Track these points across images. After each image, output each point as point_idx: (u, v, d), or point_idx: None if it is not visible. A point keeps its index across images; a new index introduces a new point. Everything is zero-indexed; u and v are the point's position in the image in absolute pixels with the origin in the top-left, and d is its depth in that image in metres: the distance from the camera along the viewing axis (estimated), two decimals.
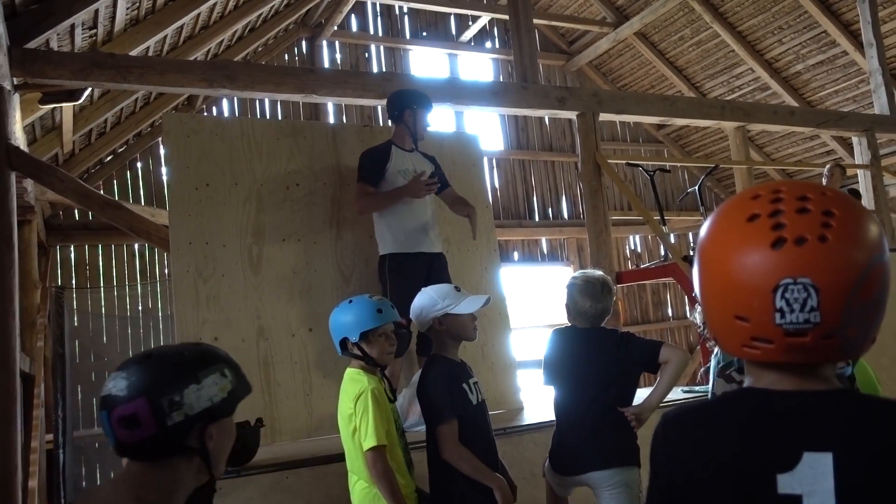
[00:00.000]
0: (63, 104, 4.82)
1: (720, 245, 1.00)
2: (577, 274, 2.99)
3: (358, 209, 3.98)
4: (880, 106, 7.32)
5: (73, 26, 4.68)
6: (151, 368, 1.22)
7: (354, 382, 2.54)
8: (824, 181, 6.95)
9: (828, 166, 7.03)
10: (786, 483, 0.94)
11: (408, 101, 4.00)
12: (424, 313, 2.66)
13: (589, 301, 2.86)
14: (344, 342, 2.60)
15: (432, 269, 3.90)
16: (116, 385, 1.21)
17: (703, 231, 1.05)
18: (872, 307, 0.95)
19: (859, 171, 7.38)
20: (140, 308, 7.96)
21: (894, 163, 9.66)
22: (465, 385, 2.60)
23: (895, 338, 5.05)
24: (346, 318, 2.58)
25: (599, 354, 2.84)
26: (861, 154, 7.26)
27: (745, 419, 1.00)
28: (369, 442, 2.40)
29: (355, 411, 2.46)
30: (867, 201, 7.14)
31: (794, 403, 0.97)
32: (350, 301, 2.65)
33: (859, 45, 8.33)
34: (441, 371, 2.60)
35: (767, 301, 0.93)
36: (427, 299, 2.66)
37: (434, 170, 3.98)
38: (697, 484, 1.01)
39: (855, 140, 7.44)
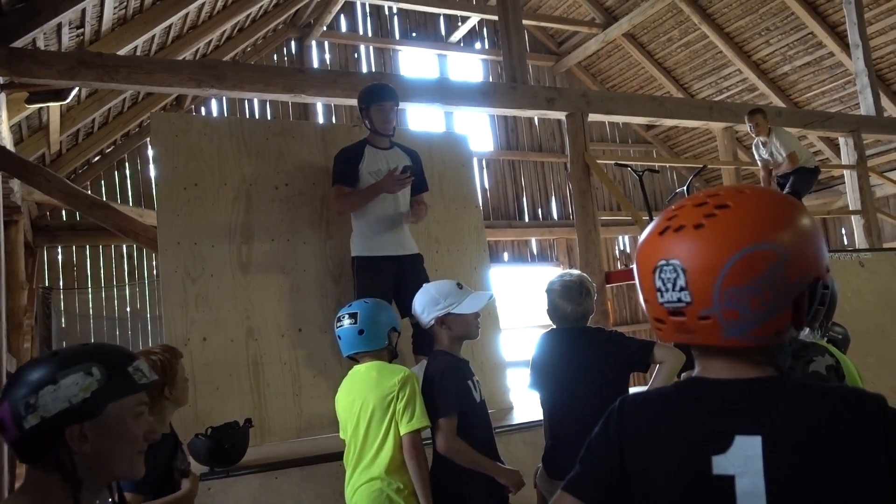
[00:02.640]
0: (50, 104, 4.80)
1: (641, 242, 1.12)
2: (554, 278, 2.94)
3: (337, 211, 3.99)
4: (866, 107, 7.38)
5: (59, 25, 4.65)
6: (20, 372, 1.22)
7: (394, 370, 2.57)
8: (750, 131, 6.32)
9: (747, 116, 6.34)
10: (720, 464, 1.00)
11: (363, 98, 3.93)
12: (427, 311, 2.63)
13: (570, 305, 2.82)
14: (390, 333, 2.69)
15: (403, 271, 3.83)
16: None
17: None
18: (751, 292, 0.97)
19: (846, 172, 7.43)
20: (128, 309, 7.92)
21: (881, 163, 9.74)
22: (469, 382, 2.59)
23: (882, 336, 5.11)
24: (390, 310, 2.74)
25: (589, 354, 2.80)
26: (847, 154, 7.32)
27: (687, 406, 1.08)
28: (419, 422, 2.45)
29: (398, 396, 2.47)
30: (854, 202, 7.19)
31: (728, 390, 1.04)
32: (366, 301, 2.73)
33: (846, 47, 8.40)
34: (448, 365, 2.58)
35: (650, 282, 1.04)
36: (429, 298, 2.63)
37: (409, 165, 3.85)
38: (645, 463, 1.09)
39: (841, 140, 7.51)
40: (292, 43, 9.62)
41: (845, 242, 10.82)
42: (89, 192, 7.15)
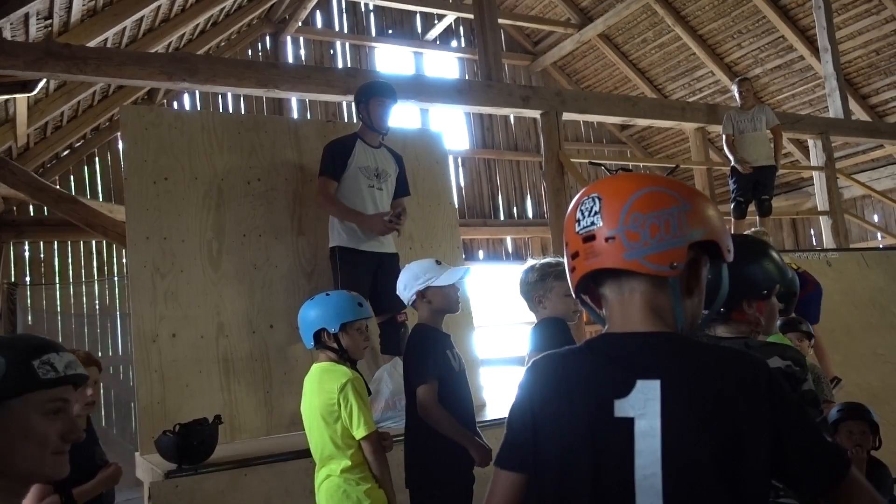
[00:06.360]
0: (16, 95, 4.70)
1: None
2: None
3: (318, 204, 3.98)
4: (835, 110, 7.51)
5: (27, 15, 4.56)
6: None
7: (333, 374, 2.54)
8: (738, 97, 6.38)
9: (738, 82, 6.51)
10: (621, 407, 1.10)
11: (362, 93, 3.95)
12: (409, 287, 2.72)
13: (519, 284, 2.79)
14: (318, 334, 2.59)
15: (381, 268, 3.84)
16: None
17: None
18: (652, 220, 1.13)
19: (815, 173, 7.55)
20: (97, 305, 7.80)
21: (848, 165, 9.91)
22: (448, 351, 2.68)
23: (848, 335, 5.20)
24: (326, 310, 2.60)
25: (536, 348, 2.79)
26: (816, 156, 7.43)
27: (594, 357, 1.18)
28: (365, 429, 2.45)
29: (339, 402, 2.47)
30: (822, 203, 7.31)
31: (631, 341, 1.15)
32: (328, 294, 2.67)
33: (815, 51, 8.52)
34: (426, 335, 2.68)
35: (573, 216, 1.20)
36: (410, 274, 2.73)
37: (400, 211, 3.83)
38: (553, 413, 1.16)
39: (811, 143, 7.62)
40: (267, 38, 9.53)
41: (814, 242, 11.00)
42: (58, 186, 7.03)
